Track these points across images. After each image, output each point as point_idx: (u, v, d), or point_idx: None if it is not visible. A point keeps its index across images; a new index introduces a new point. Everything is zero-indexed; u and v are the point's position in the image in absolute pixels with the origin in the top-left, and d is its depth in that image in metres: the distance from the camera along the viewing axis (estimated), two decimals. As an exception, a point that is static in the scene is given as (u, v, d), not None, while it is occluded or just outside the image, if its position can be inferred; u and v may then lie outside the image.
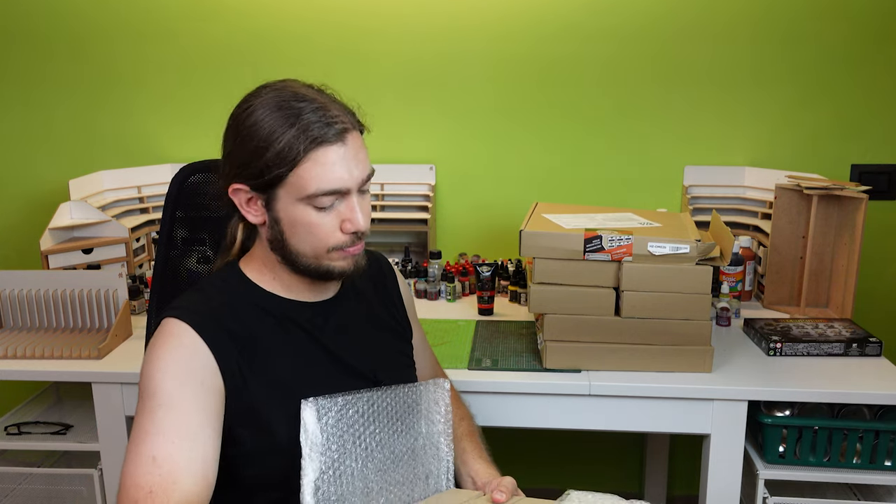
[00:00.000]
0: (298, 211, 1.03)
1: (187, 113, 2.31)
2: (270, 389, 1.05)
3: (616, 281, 1.56)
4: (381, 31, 2.22)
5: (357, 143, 1.05)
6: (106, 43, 2.27)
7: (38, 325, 1.86)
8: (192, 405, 0.97)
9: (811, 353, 1.69)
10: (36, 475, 1.84)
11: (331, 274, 1.09)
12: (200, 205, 1.33)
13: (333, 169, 1.01)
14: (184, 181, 1.32)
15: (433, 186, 2.27)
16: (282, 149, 1.00)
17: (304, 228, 1.04)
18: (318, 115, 1.01)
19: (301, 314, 1.12)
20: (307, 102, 1.02)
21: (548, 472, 2.43)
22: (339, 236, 1.05)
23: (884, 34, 2.13)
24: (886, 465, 1.57)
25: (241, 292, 1.11)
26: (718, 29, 2.16)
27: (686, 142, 2.23)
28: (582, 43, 2.19)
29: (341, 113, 1.04)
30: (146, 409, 0.97)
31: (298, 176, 1.01)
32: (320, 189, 1.01)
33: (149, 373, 0.99)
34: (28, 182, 2.37)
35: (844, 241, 1.93)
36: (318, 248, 1.06)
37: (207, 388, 0.99)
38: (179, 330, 1.01)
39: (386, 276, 1.30)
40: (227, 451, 1.03)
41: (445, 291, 2.11)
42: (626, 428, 1.61)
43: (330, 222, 1.04)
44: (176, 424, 0.95)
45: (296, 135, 1.00)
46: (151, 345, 1.02)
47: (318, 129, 1.00)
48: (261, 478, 1.06)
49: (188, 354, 1.00)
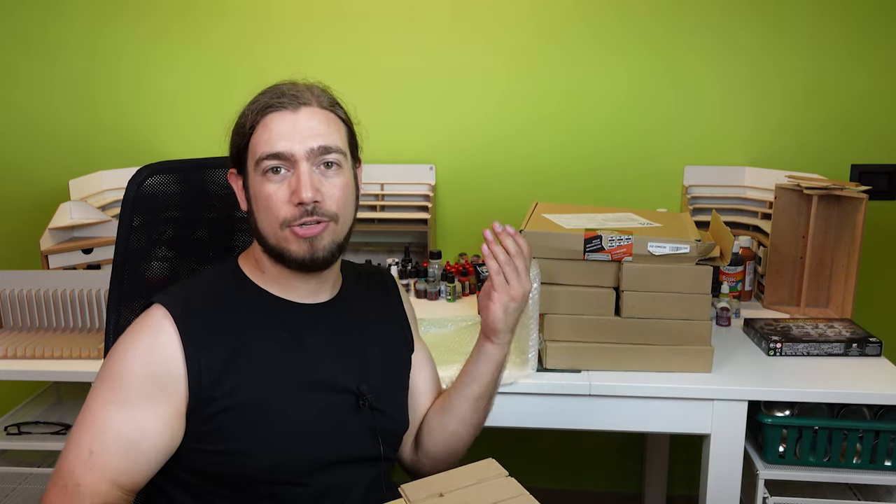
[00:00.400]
0: (257, 183, 1.06)
1: (187, 113, 2.31)
2: (245, 388, 1.03)
3: (616, 281, 1.56)
4: (381, 30, 2.22)
5: (314, 117, 1.06)
6: (106, 43, 2.28)
7: (38, 325, 1.86)
8: (146, 403, 0.99)
9: (811, 353, 1.69)
10: (36, 475, 1.84)
11: (287, 257, 1.06)
12: (160, 208, 1.26)
13: (278, 133, 1.04)
14: (141, 184, 1.25)
15: (433, 186, 2.27)
16: (241, 122, 1.08)
17: (262, 202, 1.05)
18: (275, 90, 1.07)
19: (289, 315, 1.11)
20: (277, 86, 1.08)
21: (548, 472, 2.44)
22: (290, 209, 1.04)
23: (884, 34, 2.13)
24: (886, 465, 1.57)
25: (233, 286, 1.11)
26: (718, 28, 2.16)
27: (686, 142, 2.23)
28: (582, 43, 2.19)
29: (308, 93, 1.07)
30: (101, 390, 1.00)
31: (252, 143, 1.06)
32: (265, 152, 1.04)
33: (119, 353, 1.02)
34: (28, 182, 2.37)
35: (844, 241, 1.93)
36: (273, 224, 1.05)
37: (167, 386, 1.00)
38: (157, 319, 1.03)
39: (389, 291, 1.28)
40: (198, 447, 1.03)
41: (445, 291, 2.11)
42: (626, 428, 1.61)
43: (281, 193, 1.04)
44: (123, 424, 0.98)
45: (251, 108, 1.07)
46: (131, 326, 1.05)
47: (269, 99, 1.06)
48: (230, 477, 1.04)
49: (159, 349, 1.01)
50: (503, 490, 0.92)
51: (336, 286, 1.18)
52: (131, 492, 1.01)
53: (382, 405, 1.14)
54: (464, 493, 0.93)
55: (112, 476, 0.98)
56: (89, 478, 0.96)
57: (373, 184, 2.24)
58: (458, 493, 0.93)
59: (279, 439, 1.04)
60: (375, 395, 1.12)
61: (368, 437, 1.12)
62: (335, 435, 1.09)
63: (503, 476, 0.95)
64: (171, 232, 1.29)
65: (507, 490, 0.92)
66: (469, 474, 0.96)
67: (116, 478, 0.98)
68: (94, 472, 0.97)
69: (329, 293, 1.16)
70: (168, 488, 1.07)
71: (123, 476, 0.98)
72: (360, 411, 1.11)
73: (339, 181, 1.07)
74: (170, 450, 1.02)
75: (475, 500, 0.91)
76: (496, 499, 0.90)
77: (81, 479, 0.97)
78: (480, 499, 0.91)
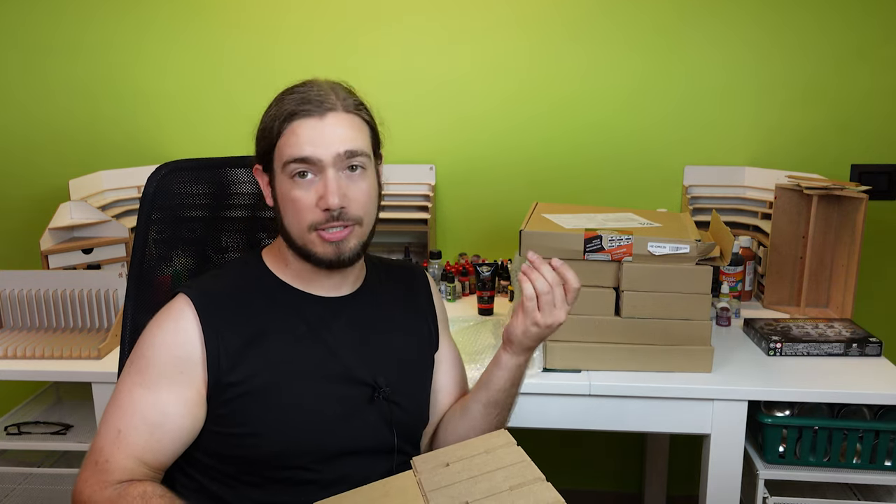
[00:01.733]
0: (284, 185, 1.08)
1: (188, 113, 2.31)
2: (262, 378, 1.06)
3: (616, 281, 1.56)
4: (381, 30, 2.22)
5: (341, 122, 1.07)
6: (106, 43, 2.28)
7: (38, 325, 1.86)
8: (169, 385, 1.04)
9: (811, 353, 1.69)
10: (36, 475, 1.84)
11: (314, 258, 1.09)
12: (178, 205, 1.27)
13: (305, 138, 1.05)
14: (161, 180, 1.26)
15: (433, 186, 2.27)
16: (267, 127, 1.09)
17: (289, 204, 1.08)
18: (301, 96, 1.07)
19: (309, 307, 1.13)
20: (303, 88, 1.09)
21: (548, 472, 2.43)
22: (317, 213, 1.06)
23: (884, 33, 2.13)
24: (886, 465, 1.57)
25: (255, 278, 1.14)
26: (718, 29, 2.16)
27: (686, 142, 2.23)
28: (582, 43, 2.19)
29: (333, 96, 1.08)
30: (129, 373, 1.06)
31: (279, 148, 1.07)
32: (291, 156, 1.06)
33: (146, 339, 1.08)
34: (28, 182, 2.37)
35: (844, 241, 1.93)
36: (301, 227, 1.07)
37: (188, 369, 1.05)
38: (179, 306, 1.07)
39: (419, 286, 1.29)
40: (210, 429, 1.07)
41: (445, 291, 2.11)
42: (626, 428, 1.61)
43: (308, 198, 1.06)
44: (148, 405, 1.04)
45: (277, 112, 1.08)
46: (157, 315, 1.09)
47: (295, 105, 1.06)
48: (245, 460, 1.07)
49: (181, 334, 1.06)
50: (506, 458, 0.96)
51: (359, 279, 1.19)
52: (158, 469, 1.05)
53: (399, 398, 1.15)
54: (469, 462, 0.97)
55: (138, 454, 1.03)
56: (117, 455, 1.02)
57: (373, 184, 2.24)
58: (463, 462, 0.97)
59: (291, 427, 1.07)
60: (393, 389, 1.14)
61: (384, 430, 1.13)
62: (349, 425, 1.10)
63: (511, 445, 0.99)
64: (189, 230, 1.31)
65: (510, 458, 0.96)
66: (479, 444, 1.01)
67: (142, 455, 1.03)
68: (121, 449, 1.03)
69: (351, 287, 1.18)
70: (190, 471, 1.11)
71: (149, 454, 1.03)
72: (376, 403, 1.12)
73: (364, 185, 1.09)
74: (193, 431, 1.06)
75: (479, 468, 0.94)
76: (498, 465, 0.94)
77: (110, 456, 1.02)
78: (484, 466, 0.95)
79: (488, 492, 0.89)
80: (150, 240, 1.24)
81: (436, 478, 0.95)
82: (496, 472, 0.93)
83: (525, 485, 0.90)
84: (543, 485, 0.90)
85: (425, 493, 0.92)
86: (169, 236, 1.28)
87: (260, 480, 1.08)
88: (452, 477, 0.94)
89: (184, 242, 1.30)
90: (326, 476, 1.08)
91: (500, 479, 0.91)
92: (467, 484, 0.92)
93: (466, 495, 0.89)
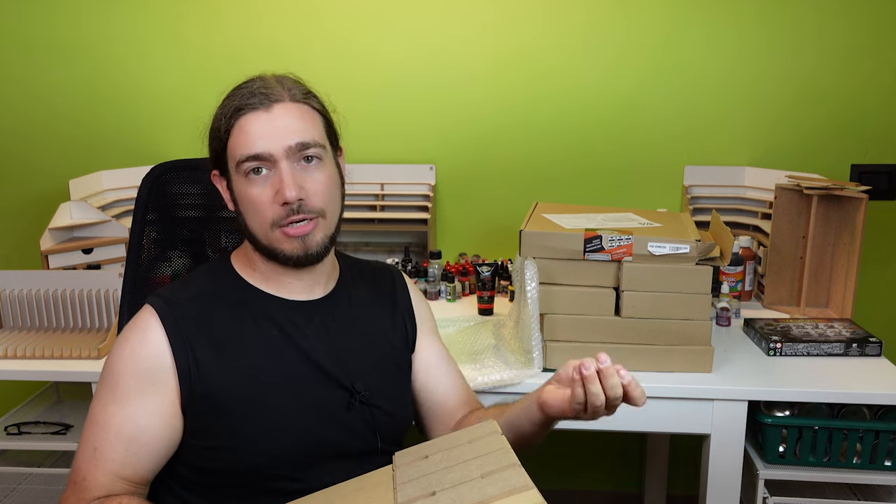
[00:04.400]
0: (240, 185, 1.06)
1: (188, 113, 2.31)
2: (234, 385, 1.05)
3: (616, 281, 1.56)
4: (381, 30, 2.22)
5: (289, 112, 1.05)
6: (106, 43, 2.27)
7: (38, 325, 1.86)
8: (141, 398, 1.03)
9: (811, 353, 1.69)
10: (36, 475, 1.84)
11: (281, 256, 1.07)
12: (173, 206, 1.28)
13: (254, 134, 1.03)
14: (155, 181, 1.27)
15: (433, 186, 2.27)
16: (215, 127, 1.07)
17: (248, 204, 1.06)
18: (247, 90, 1.06)
19: (280, 311, 1.11)
20: (248, 83, 1.08)
21: (548, 472, 2.43)
22: (276, 209, 1.04)
23: (884, 33, 2.13)
24: (886, 465, 1.57)
25: (224, 284, 1.11)
26: (718, 29, 2.16)
27: (686, 142, 2.23)
28: (582, 43, 2.19)
29: (279, 87, 1.06)
30: (101, 391, 1.05)
31: (230, 148, 1.06)
32: (243, 155, 1.04)
33: (113, 354, 1.06)
34: (28, 182, 2.37)
35: (844, 241, 1.93)
36: (263, 226, 1.05)
37: (159, 380, 1.03)
38: (145, 318, 1.06)
39: (396, 288, 1.26)
40: (190, 442, 1.05)
41: (445, 291, 2.11)
42: (626, 428, 1.61)
43: (266, 194, 1.04)
44: (121, 420, 1.02)
45: (224, 111, 1.06)
46: (123, 329, 1.09)
47: (241, 100, 1.05)
48: (226, 472, 1.05)
49: (147, 345, 1.04)
50: (487, 446, 0.94)
51: (331, 282, 1.17)
52: (138, 483, 1.04)
53: (379, 401, 1.13)
54: (448, 453, 0.95)
55: (115, 469, 1.02)
56: (94, 472, 1.02)
57: (373, 184, 2.24)
58: (443, 453, 0.95)
59: (268, 437, 1.05)
60: (371, 392, 1.12)
61: (366, 434, 1.12)
62: (328, 431, 1.09)
63: (495, 434, 0.96)
64: (186, 230, 1.31)
65: (489, 447, 0.93)
66: (465, 435, 0.99)
67: (119, 470, 1.02)
68: (97, 467, 1.02)
69: (323, 289, 1.15)
70: (173, 486, 1.09)
71: (127, 469, 1.02)
72: (354, 407, 1.11)
73: (321, 176, 1.06)
74: (171, 442, 1.05)
75: (456, 459, 0.92)
76: (476, 454, 0.92)
77: (87, 474, 1.02)
78: (462, 456, 0.93)
79: (458, 480, 0.87)
80: (145, 240, 1.24)
81: (410, 470, 0.93)
82: (472, 462, 0.90)
83: (497, 472, 0.86)
84: (515, 470, 0.86)
85: (396, 485, 0.90)
86: (165, 236, 1.28)
87: (244, 493, 1.06)
88: (428, 468, 0.92)
89: (181, 242, 1.29)
90: (313, 484, 1.06)
91: (474, 467, 0.89)
92: (440, 474, 0.89)
93: (435, 485, 0.87)
